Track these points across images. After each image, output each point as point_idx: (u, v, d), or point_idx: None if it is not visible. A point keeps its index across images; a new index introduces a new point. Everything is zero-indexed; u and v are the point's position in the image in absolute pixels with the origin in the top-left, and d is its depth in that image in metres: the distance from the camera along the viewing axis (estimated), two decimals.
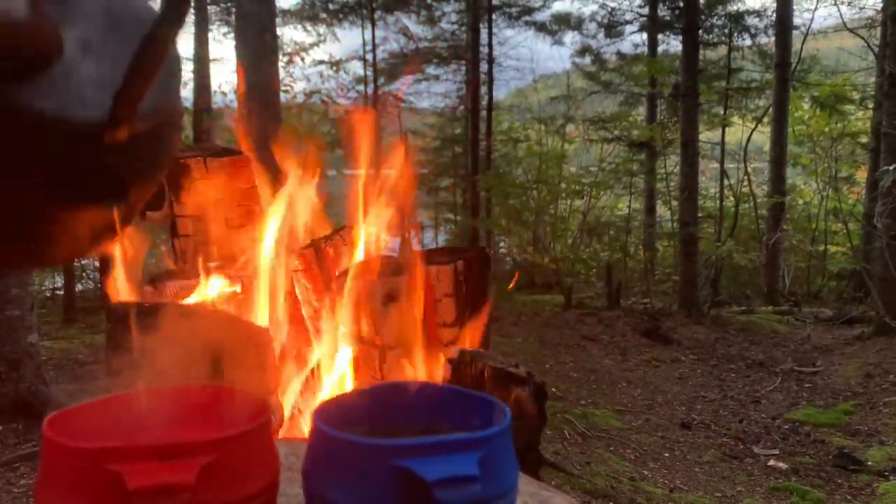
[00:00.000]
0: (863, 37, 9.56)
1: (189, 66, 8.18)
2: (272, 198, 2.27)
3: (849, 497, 3.29)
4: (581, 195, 10.82)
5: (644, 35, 11.80)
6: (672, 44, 11.78)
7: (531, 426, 1.76)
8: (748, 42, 10.81)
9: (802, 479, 3.48)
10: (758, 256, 9.47)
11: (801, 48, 9.90)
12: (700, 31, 9.21)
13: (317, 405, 0.74)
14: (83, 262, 10.68)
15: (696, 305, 7.58)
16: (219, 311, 1.94)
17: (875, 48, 9.17)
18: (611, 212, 12.61)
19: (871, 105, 9.29)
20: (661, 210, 11.49)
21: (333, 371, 1.96)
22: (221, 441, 0.63)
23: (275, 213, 2.23)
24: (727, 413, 4.56)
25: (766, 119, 9.87)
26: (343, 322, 1.93)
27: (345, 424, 0.70)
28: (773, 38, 9.92)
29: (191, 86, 8.16)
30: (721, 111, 10.54)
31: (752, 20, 10.58)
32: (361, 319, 1.89)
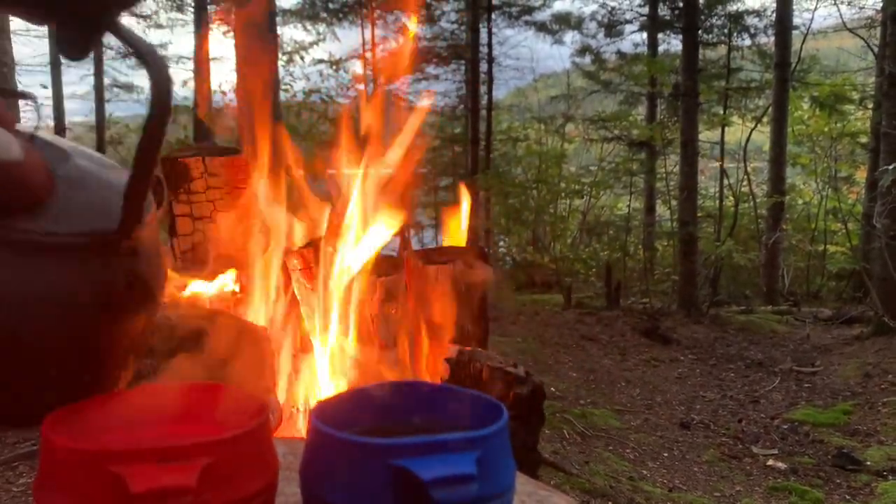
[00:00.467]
0: (862, 37, 9.57)
1: (189, 65, 8.20)
2: (271, 197, 2.27)
3: (847, 497, 3.29)
4: (581, 195, 10.83)
5: (644, 34, 11.81)
6: (672, 43, 11.80)
7: (529, 425, 1.76)
8: (748, 42, 10.83)
9: (801, 479, 3.48)
10: (757, 256, 9.47)
11: (801, 48, 9.90)
12: (700, 31, 9.23)
13: (314, 404, 0.74)
14: None
15: (696, 305, 7.59)
16: (217, 311, 1.94)
17: (875, 48, 9.17)
18: (610, 211, 12.62)
19: (871, 105, 9.29)
20: (661, 209, 11.50)
21: (331, 370, 1.96)
22: (222, 442, 0.63)
23: (274, 212, 2.23)
24: (726, 413, 4.57)
25: (766, 119, 9.88)
26: (342, 321, 1.93)
27: (342, 424, 0.70)
28: (773, 38, 9.92)
29: (191, 84, 8.17)
30: (721, 111, 10.56)
31: (752, 20, 10.60)
32: (360, 319, 1.90)
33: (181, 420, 0.76)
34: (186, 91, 10.61)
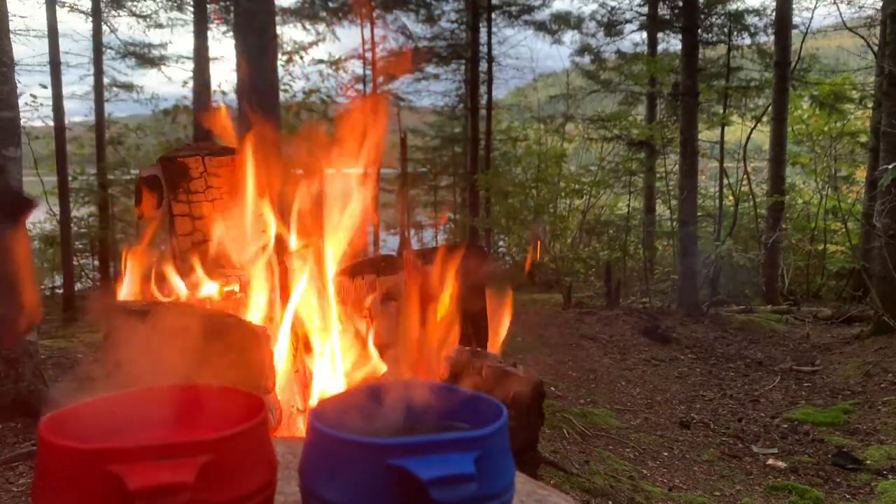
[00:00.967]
0: (862, 36, 9.56)
1: (189, 65, 8.20)
2: (271, 195, 2.27)
3: (847, 496, 3.29)
4: (580, 194, 10.83)
5: (644, 34, 11.81)
6: (672, 42, 11.81)
7: (529, 425, 1.76)
8: (748, 41, 10.84)
9: (801, 478, 3.48)
10: (757, 255, 9.47)
11: (801, 47, 9.90)
12: (699, 30, 9.23)
13: (314, 404, 0.74)
14: (82, 262, 10.69)
15: (696, 304, 7.59)
16: (216, 310, 1.94)
17: (874, 47, 9.17)
18: (610, 211, 12.62)
19: (871, 104, 9.29)
20: (661, 209, 11.50)
21: (331, 369, 1.96)
22: (220, 440, 0.63)
23: (273, 212, 2.23)
24: (726, 412, 4.57)
25: (766, 118, 9.87)
26: (342, 321, 1.93)
27: (342, 423, 0.70)
28: (773, 37, 9.92)
29: (191, 84, 8.17)
30: (720, 110, 10.55)
31: (752, 19, 10.60)
32: (360, 318, 1.89)
33: (181, 420, 0.76)
34: (186, 91, 10.63)
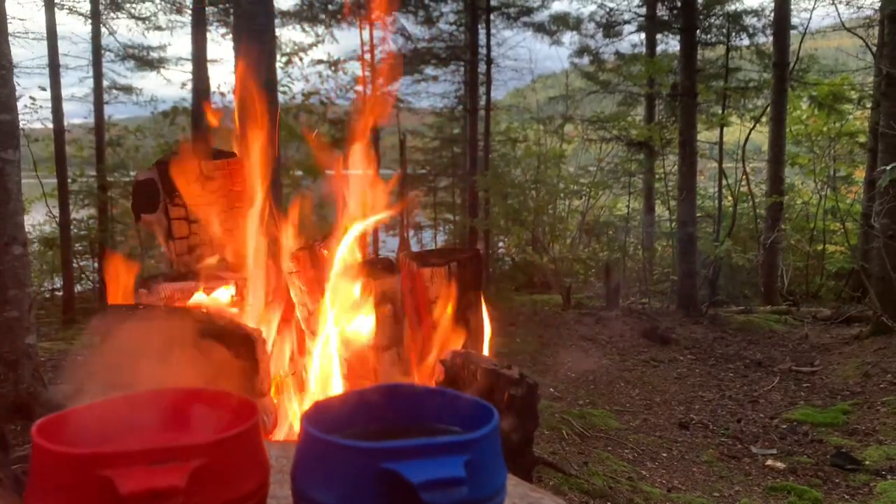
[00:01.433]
0: (861, 36, 9.56)
1: (188, 67, 8.20)
2: (268, 200, 2.28)
3: (846, 496, 3.29)
4: (580, 195, 10.83)
5: (642, 35, 11.81)
6: (670, 43, 11.81)
7: (524, 427, 1.76)
8: (746, 42, 10.83)
9: (800, 479, 3.48)
10: (756, 256, 9.47)
11: (800, 48, 9.90)
12: (698, 31, 9.23)
13: (307, 408, 0.74)
14: (82, 264, 10.69)
15: (695, 305, 7.59)
16: (212, 313, 1.94)
17: (873, 48, 9.17)
18: (609, 212, 12.62)
19: (869, 104, 9.29)
20: (660, 210, 11.50)
21: (326, 373, 1.96)
22: (211, 444, 0.63)
23: (272, 215, 2.23)
24: (725, 413, 4.57)
25: (765, 119, 9.88)
26: (336, 323, 1.93)
27: (334, 427, 0.71)
28: (771, 38, 9.93)
29: (190, 86, 8.17)
30: (719, 111, 10.56)
31: (751, 20, 10.60)
32: (354, 321, 1.90)
33: (174, 424, 0.77)
34: (185, 93, 10.62)
